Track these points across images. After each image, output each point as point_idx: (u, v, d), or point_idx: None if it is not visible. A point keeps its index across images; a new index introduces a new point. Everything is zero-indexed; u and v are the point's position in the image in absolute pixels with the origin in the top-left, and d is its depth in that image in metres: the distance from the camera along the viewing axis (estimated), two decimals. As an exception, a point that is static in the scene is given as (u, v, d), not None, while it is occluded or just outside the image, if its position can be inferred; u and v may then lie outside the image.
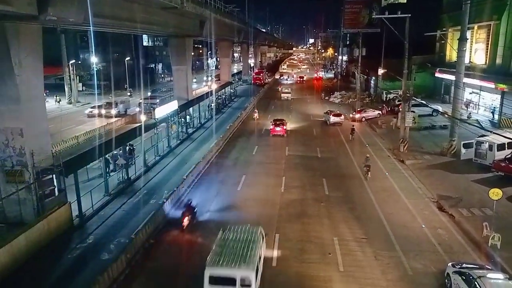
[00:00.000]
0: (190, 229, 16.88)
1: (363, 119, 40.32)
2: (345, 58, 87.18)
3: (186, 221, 16.89)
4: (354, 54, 72.81)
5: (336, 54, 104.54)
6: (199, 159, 25.51)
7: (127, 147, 24.73)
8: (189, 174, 22.66)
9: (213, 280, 11.35)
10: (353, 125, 35.24)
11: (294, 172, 24.77)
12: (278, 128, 34.03)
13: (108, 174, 22.37)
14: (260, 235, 13.46)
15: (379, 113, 41.05)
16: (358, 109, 42.13)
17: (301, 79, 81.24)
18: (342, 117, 39.12)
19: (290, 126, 37.21)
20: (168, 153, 29.03)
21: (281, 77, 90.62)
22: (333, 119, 38.69)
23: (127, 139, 23.98)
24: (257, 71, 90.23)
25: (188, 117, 37.24)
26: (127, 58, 63.66)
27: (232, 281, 11.22)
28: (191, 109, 38.13)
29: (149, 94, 50.73)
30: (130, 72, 61.31)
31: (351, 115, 41.57)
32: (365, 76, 61.16)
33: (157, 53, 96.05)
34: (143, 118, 26.05)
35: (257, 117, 41.00)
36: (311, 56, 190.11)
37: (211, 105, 45.45)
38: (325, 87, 67.54)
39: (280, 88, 63.26)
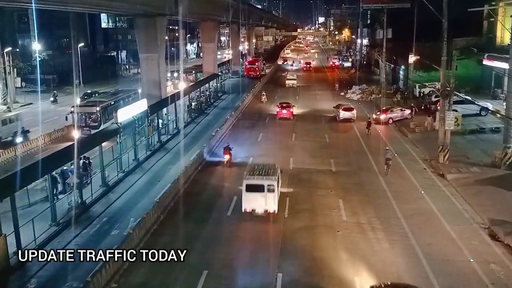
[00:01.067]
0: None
1: (390, 120, 40.68)
2: (365, 42, 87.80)
3: (227, 157, 28.62)
4: (377, 36, 73.39)
5: (353, 37, 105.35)
6: (177, 175, 25.45)
7: (81, 161, 24.61)
8: (163, 195, 22.62)
9: (249, 187, 20.90)
10: (369, 118, 38.91)
11: (301, 191, 24.80)
12: (284, 111, 42.32)
13: (55, 197, 22.20)
14: (278, 169, 22.77)
15: (410, 113, 41.35)
16: (384, 108, 42.38)
17: (308, 66, 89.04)
18: (354, 111, 42.13)
19: (295, 130, 37.84)
20: (135, 168, 29.00)
21: (285, 63, 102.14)
22: (343, 114, 41.92)
23: (80, 151, 23.83)
24: (251, 59, 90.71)
25: (161, 120, 37.22)
26: (81, 44, 63.82)
27: (261, 187, 20.70)
28: (164, 110, 38.17)
29: (78, 100, 43.26)
30: (84, 62, 61.39)
31: (374, 116, 41.85)
32: (392, 66, 61.58)
33: (120, 37, 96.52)
34: (76, 134, 25.09)
35: (265, 100, 51.99)
36: (321, 40, 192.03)
37: (191, 105, 45.46)
38: (340, 79, 68.30)
39: (285, 74, 73.40)
